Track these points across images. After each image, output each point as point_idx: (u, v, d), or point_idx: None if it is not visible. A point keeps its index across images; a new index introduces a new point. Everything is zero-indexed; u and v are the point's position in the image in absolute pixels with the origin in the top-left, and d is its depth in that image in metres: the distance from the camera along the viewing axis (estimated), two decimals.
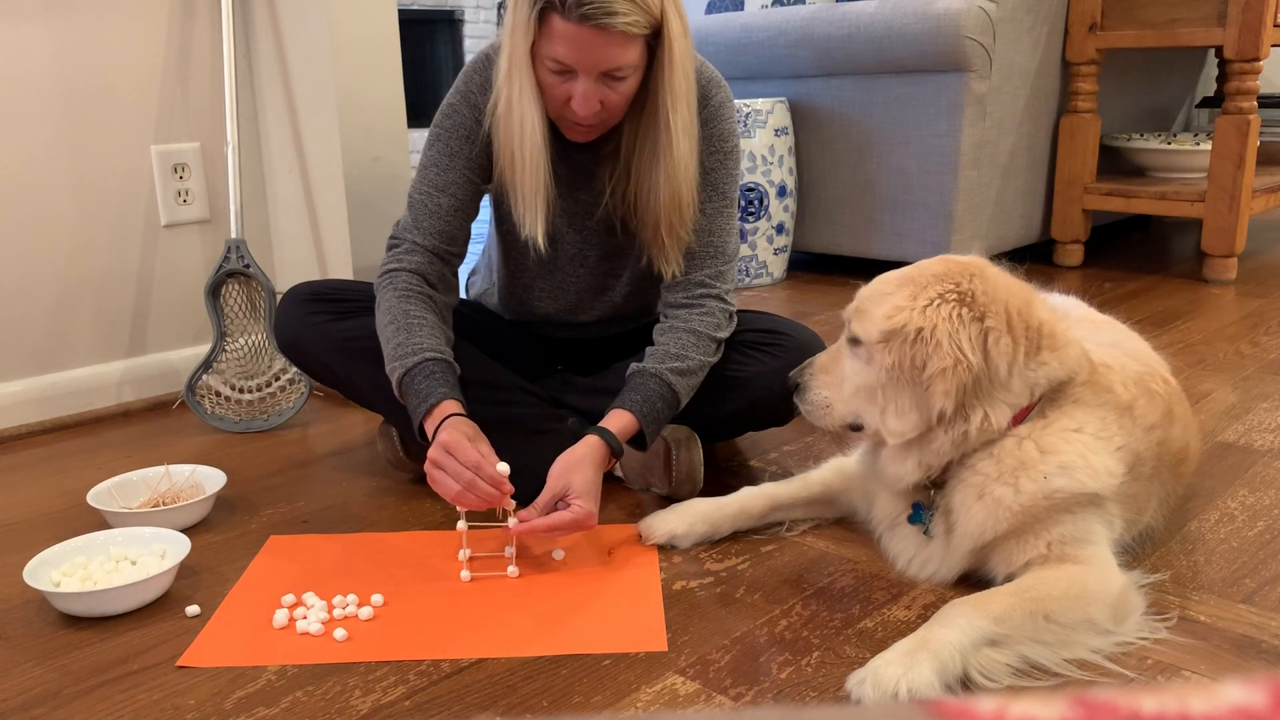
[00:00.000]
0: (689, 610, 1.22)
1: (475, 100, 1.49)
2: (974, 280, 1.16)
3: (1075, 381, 1.19)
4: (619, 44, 1.31)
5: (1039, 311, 1.18)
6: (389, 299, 1.46)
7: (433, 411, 1.36)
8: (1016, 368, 1.14)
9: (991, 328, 1.13)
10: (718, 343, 1.50)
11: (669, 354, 1.45)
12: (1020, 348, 1.14)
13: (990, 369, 1.13)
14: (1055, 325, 1.19)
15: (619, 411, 1.41)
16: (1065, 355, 1.18)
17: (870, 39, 2.90)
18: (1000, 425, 1.15)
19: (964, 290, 1.15)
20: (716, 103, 1.52)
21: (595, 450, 1.36)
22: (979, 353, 1.12)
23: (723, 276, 1.53)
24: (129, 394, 2.10)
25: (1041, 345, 1.16)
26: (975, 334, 1.12)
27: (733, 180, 1.54)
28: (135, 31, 2.02)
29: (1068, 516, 1.17)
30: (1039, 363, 1.16)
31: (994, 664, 1.05)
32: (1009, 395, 1.15)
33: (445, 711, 1.04)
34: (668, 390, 1.43)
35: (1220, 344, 2.28)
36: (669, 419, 1.46)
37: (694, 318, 1.49)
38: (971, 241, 2.97)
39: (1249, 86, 2.78)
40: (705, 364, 1.48)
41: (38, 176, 1.93)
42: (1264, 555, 1.30)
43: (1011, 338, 1.14)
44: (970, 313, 1.13)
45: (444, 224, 1.50)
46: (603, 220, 1.56)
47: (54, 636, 1.21)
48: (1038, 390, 1.17)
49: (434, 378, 1.38)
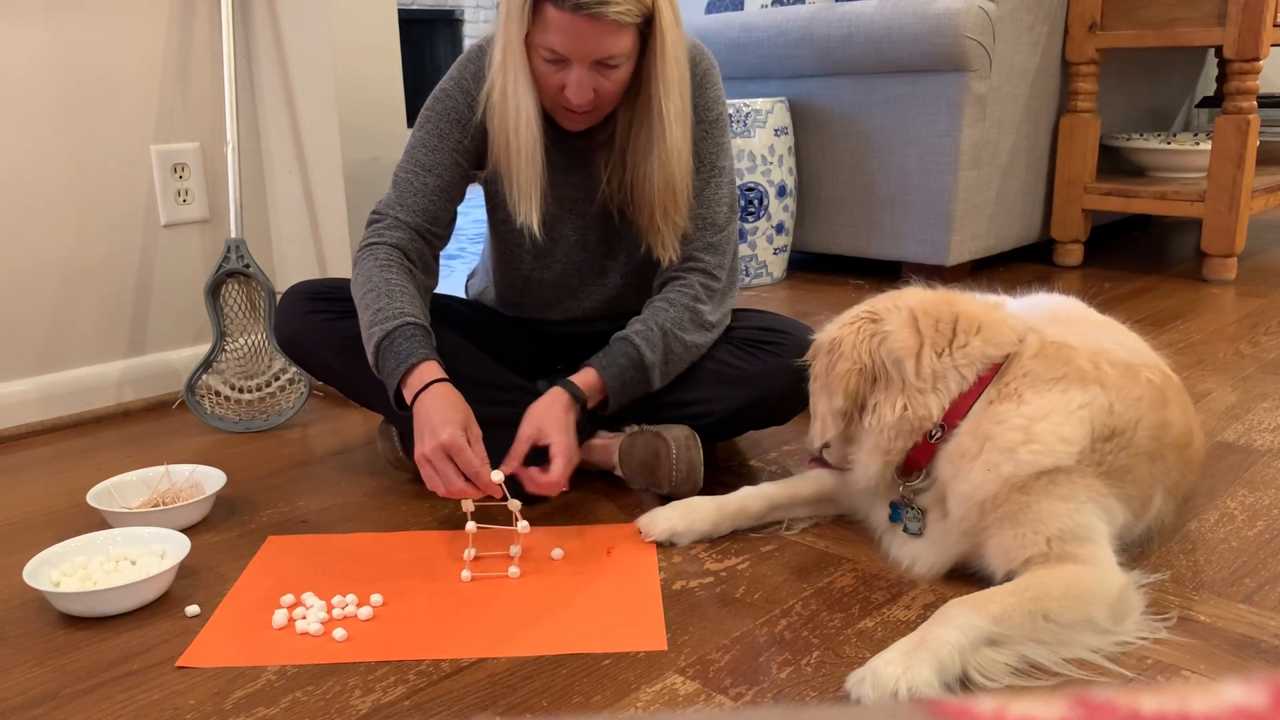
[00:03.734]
0: (689, 610, 1.22)
1: (469, 87, 1.49)
2: (887, 301, 1.28)
3: (1022, 356, 1.22)
4: (612, 33, 1.32)
5: (958, 307, 1.26)
6: (368, 268, 1.46)
7: (414, 371, 1.37)
8: (926, 358, 1.22)
9: (888, 331, 1.24)
10: (696, 313, 1.51)
11: (638, 320, 1.50)
12: (925, 341, 1.23)
13: (888, 365, 1.23)
14: (984, 315, 1.26)
15: (584, 369, 1.46)
16: (992, 335, 1.23)
17: (870, 39, 2.90)
18: (929, 412, 1.22)
19: (875, 310, 1.28)
20: (701, 71, 1.53)
21: (559, 396, 1.43)
22: (870, 356, 1.24)
23: (713, 249, 1.54)
24: (129, 394, 2.10)
25: (958, 332, 1.23)
26: (872, 341, 1.25)
27: (720, 149, 1.55)
28: (135, 31, 2.02)
29: (1060, 506, 1.16)
30: (956, 346, 1.23)
31: (993, 663, 1.05)
32: (925, 383, 1.22)
33: (445, 711, 1.04)
34: (633, 351, 1.46)
35: (1220, 344, 2.28)
36: (638, 382, 1.48)
37: (673, 289, 1.52)
38: (971, 241, 2.97)
39: (1249, 86, 2.78)
40: (675, 334, 1.49)
41: (38, 176, 1.93)
42: (1264, 555, 1.30)
43: (913, 333, 1.23)
44: (873, 326, 1.26)
45: (429, 202, 1.51)
46: (600, 208, 1.56)
47: (54, 636, 1.21)
48: (969, 370, 1.22)
49: (415, 340, 1.39)
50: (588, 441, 1.57)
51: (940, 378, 1.21)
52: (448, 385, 1.36)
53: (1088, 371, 1.21)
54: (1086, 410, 1.18)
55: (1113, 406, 1.19)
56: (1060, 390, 1.20)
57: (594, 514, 1.49)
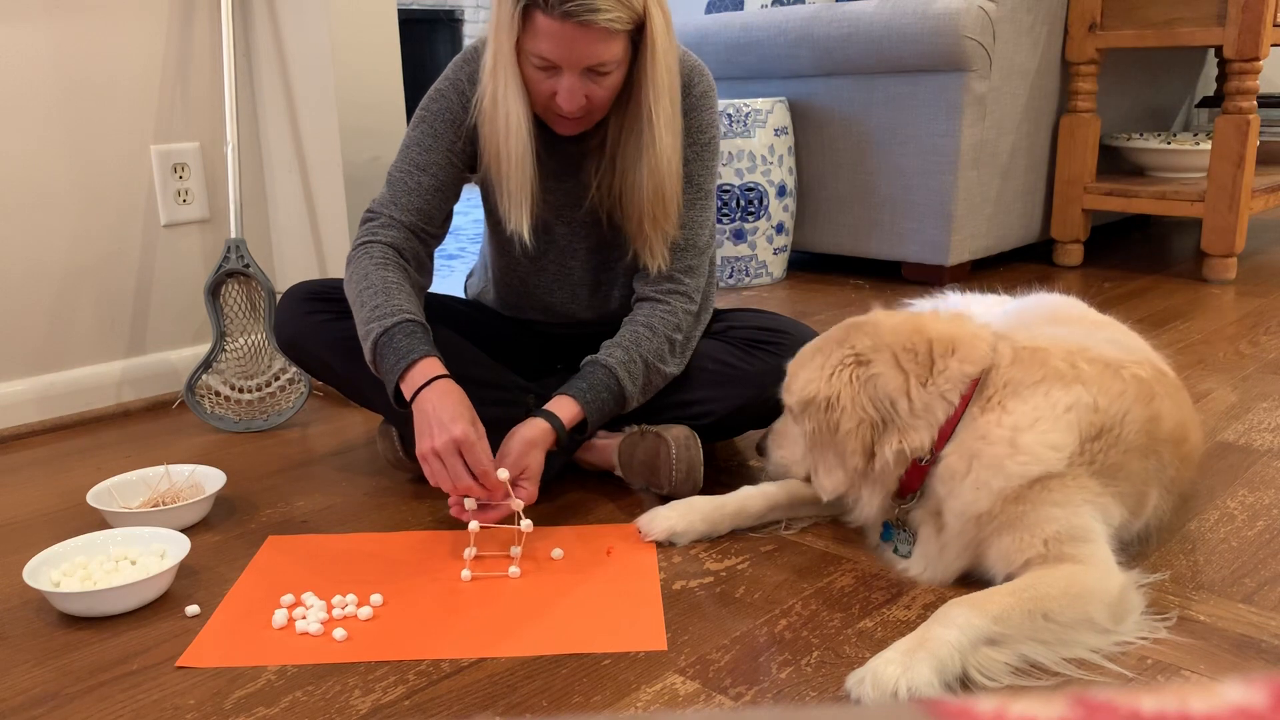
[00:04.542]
0: (689, 610, 1.22)
1: (464, 89, 1.49)
2: (864, 338, 1.26)
3: (999, 367, 1.22)
4: (602, 40, 1.32)
5: (929, 330, 1.25)
6: (364, 266, 1.46)
7: (415, 367, 1.36)
8: (914, 392, 1.21)
9: (876, 374, 1.22)
10: (674, 344, 1.51)
11: (620, 346, 1.48)
12: (909, 375, 1.22)
13: (887, 409, 1.22)
14: (954, 333, 1.25)
15: (566, 400, 1.44)
16: (968, 353, 1.22)
17: (870, 39, 2.90)
18: (922, 443, 1.21)
19: (859, 352, 1.25)
20: (699, 92, 1.53)
21: (546, 435, 1.41)
22: (873, 405, 1.22)
23: (692, 271, 1.54)
24: (129, 394, 2.10)
25: (935, 358, 1.22)
26: (868, 388, 1.22)
27: (709, 172, 1.55)
28: (135, 31, 2.02)
29: (1056, 510, 1.16)
30: (937, 371, 1.22)
31: (993, 663, 1.05)
32: (917, 418, 1.21)
33: (445, 711, 1.04)
34: (614, 383, 1.46)
35: (1220, 344, 2.28)
36: (614, 413, 1.48)
37: (656, 314, 1.51)
38: (971, 241, 2.97)
39: (1249, 86, 2.78)
40: (656, 366, 1.49)
41: (38, 175, 1.93)
42: (1264, 555, 1.30)
43: (898, 371, 1.22)
44: (863, 371, 1.23)
45: (423, 202, 1.51)
46: (590, 213, 1.56)
47: (54, 636, 1.21)
48: (953, 394, 1.21)
49: (414, 336, 1.38)
50: (587, 441, 1.57)
51: (928, 409, 1.21)
52: (451, 381, 1.36)
53: (1065, 371, 1.21)
54: (1073, 413, 1.18)
55: (1097, 404, 1.19)
56: (1043, 393, 1.19)
57: (594, 514, 1.49)
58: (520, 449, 1.38)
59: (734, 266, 3.08)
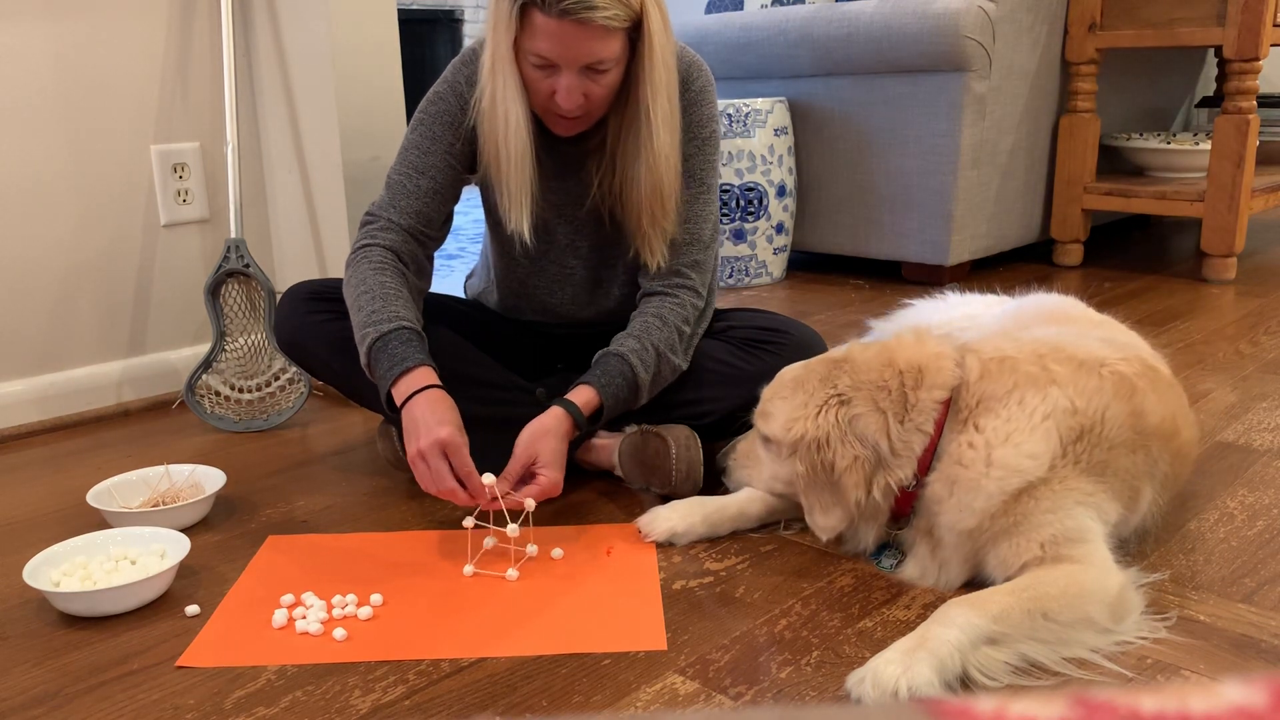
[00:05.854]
0: (688, 610, 1.22)
1: (462, 91, 1.49)
2: (844, 375, 1.26)
3: (969, 383, 1.23)
4: (600, 38, 1.32)
5: (895, 358, 1.26)
6: (363, 271, 1.46)
7: (408, 375, 1.36)
8: (894, 430, 1.22)
9: (858, 414, 1.23)
10: (682, 335, 1.51)
11: (632, 336, 1.48)
12: (887, 414, 1.22)
13: (871, 449, 1.22)
14: (918, 357, 1.25)
15: (583, 386, 1.44)
16: (934, 378, 1.23)
17: (870, 39, 2.90)
18: (906, 475, 1.22)
19: (841, 390, 1.25)
20: (697, 88, 1.53)
21: (561, 422, 1.40)
22: (860, 443, 1.22)
23: (698, 266, 1.54)
24: (129, 394, 2.10)
25: (906, 390, 1.23)
26: (854, 428, 1.23)
27: (710, 167, 1.55)
28: (135, 31, 2.02)
29: (1049, 516, 1.16)
30: (910, 405, 1.23)
31: (993, 663, 1.05)
32: (899, 456, 1.22)
33: (445, 711, 1.04)
34: (629, 370, 1.45)
35: (1219, 344, 2.28)
36: (628, 402, 1.47)
37: (666, 306, 1.51)
38: (971, 241, 2.97)
39: (1248, 86, 2.78)
40: (667, 356, 1.49)
41: (38, 176, 1.93)
42: (1263, 555, 1.30)
43: (877, 412, 1.22)
44: (848, 410, 1.24)
45: (422, 204, 1.51)
46: (591, 212, 1.56)
47: (54, 636, 1.21)
48: (927, 424, 1.22)
49: (410, 344, 1.38)
50: (587, 441, 1.57)
51: (907, 445, 1.22)
52: (442, 391, 1.36)
53: (1037, 375, 1.21)
54: (1051, 419, 1.18)
55: (1074, 405, 1.19)
56: (1016, 402, 1.20)
57: (594, 514, 1.49)
58: (529, 438, 1.38)
59: (734, 266, 3.08)
